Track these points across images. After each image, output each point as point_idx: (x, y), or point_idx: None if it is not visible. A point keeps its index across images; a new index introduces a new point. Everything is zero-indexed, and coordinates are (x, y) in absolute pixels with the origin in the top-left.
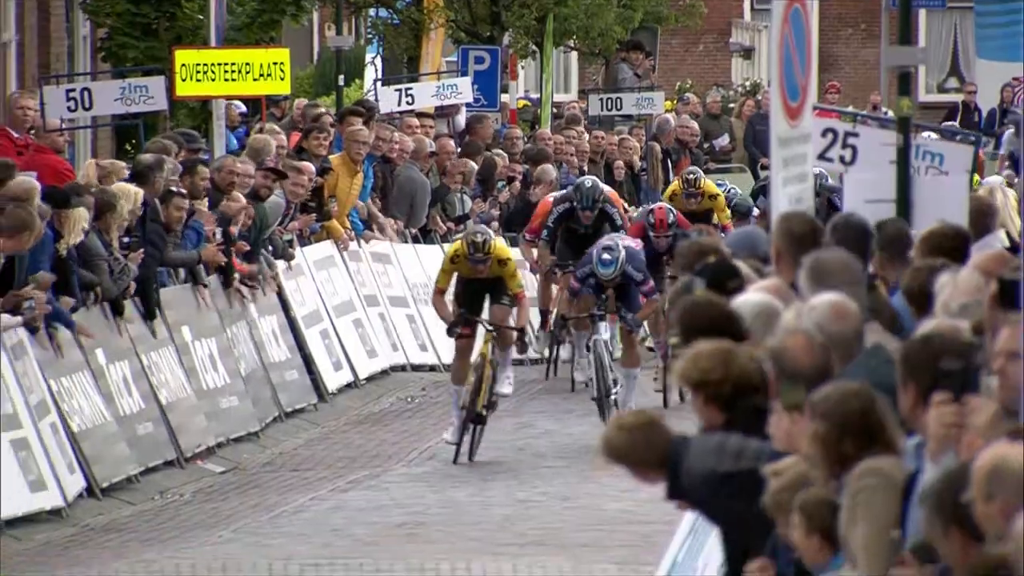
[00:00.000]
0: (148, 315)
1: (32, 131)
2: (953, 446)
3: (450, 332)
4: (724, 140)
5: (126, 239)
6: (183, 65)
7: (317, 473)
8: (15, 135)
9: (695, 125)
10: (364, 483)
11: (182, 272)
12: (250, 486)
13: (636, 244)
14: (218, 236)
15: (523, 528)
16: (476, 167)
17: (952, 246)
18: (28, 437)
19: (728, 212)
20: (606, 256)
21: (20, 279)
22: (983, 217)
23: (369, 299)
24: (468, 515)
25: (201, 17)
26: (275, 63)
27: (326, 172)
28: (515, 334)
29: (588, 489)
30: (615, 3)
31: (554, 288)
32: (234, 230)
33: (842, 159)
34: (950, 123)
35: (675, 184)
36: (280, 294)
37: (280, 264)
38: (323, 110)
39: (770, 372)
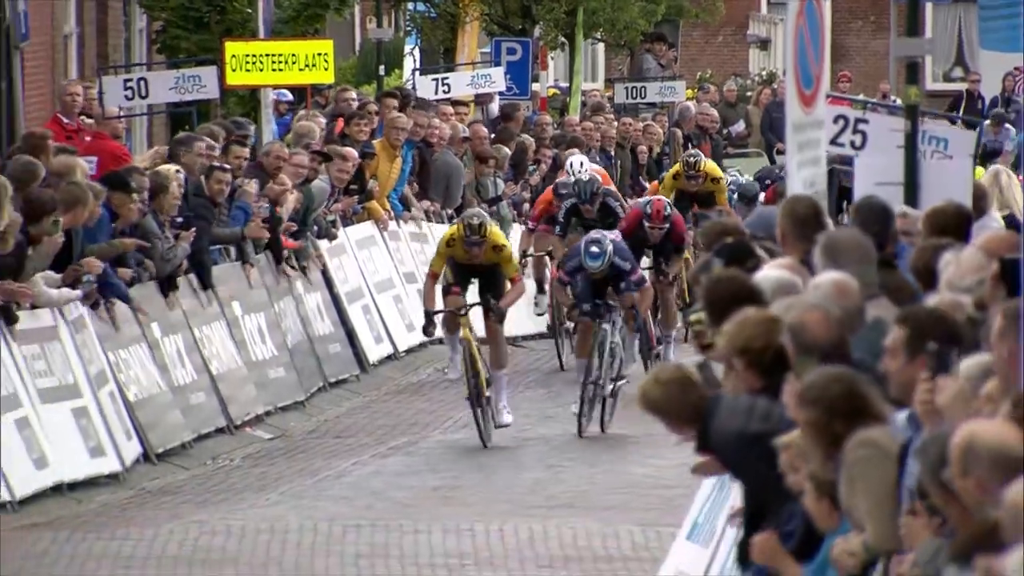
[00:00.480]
0: (204, 285)
1: (83, 116)
2: (933, 419)
3: (426, 331)
4: (740, 127)
5: (179, 219)
6: (233, 56)
7: (359, 440)
8: (65, 121)
9: (715, 112)
10: (403, 449)
11: (232, 251)
12: (296, 452)
13: (617, 235)
14: (263, 211)
15: (553, 491)
16: (509, 152)
17: (955, 224)
18: (88, 406)
19: (727, 194)
20: (594, 249)
21: (77, 254)
22: (977, 200)
23: (408, 276)
24: (501, 479)
25: (250, 11)
26: (319, 54)
27: (368, 156)
28: (500, 311)
29: (614, 455)
30: None
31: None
32: (280, 210)
33: (853, 144)
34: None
35: (677, 165)
36: (324, 272)
37: (324, 243)
38: (353, 94)
39: (788, 345)
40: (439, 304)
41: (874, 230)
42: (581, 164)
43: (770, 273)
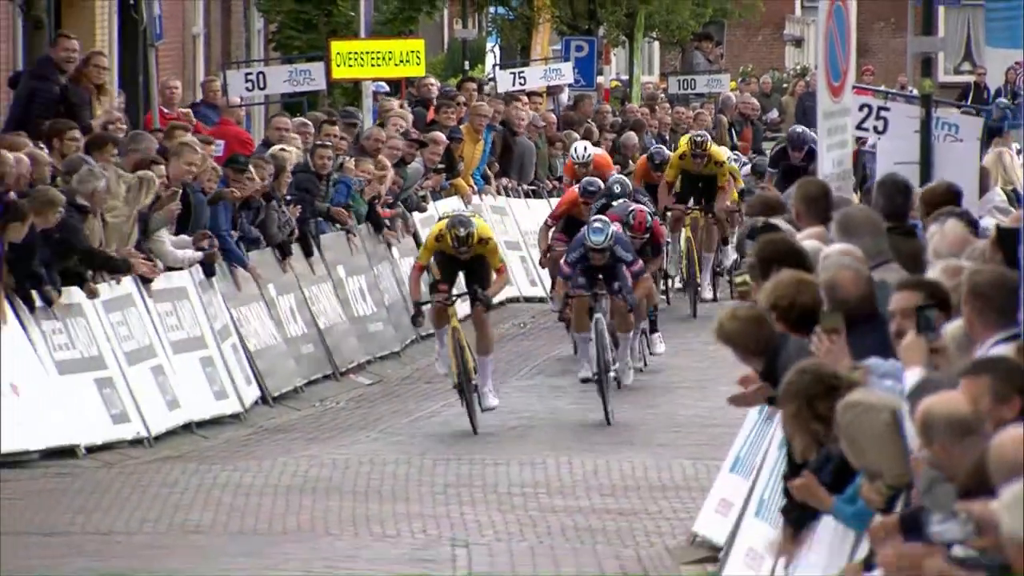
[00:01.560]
0: (307, 251)
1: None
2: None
3: (414, 321)
4: (773, 114)
5: (288, 197)
6: (338, 53)
7: (446, 385)
8: (166, 111)
9: (755, 101)
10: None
11: (352, 221)
12: (392, 395)
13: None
14: (359, 185)
15: (614, 430)
16: (578, 136)
17: (943, 200)
18: (213, 356)
19: (729, 176)
20: (597, 225)
21: (197, 224)
22: (982, 179)
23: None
24: (569, 420)
25: (353, 14)
26: (412, 51)
27: (455, 140)
28: (486, 300)
29: (666, 399)
30: (690, 1)
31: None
32: (382, 188)
33: (875, 129)
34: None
35: (685, 146)
36: (416, 239)
37: (416, 215)
38: (432, 80)
39: (824, 300)
40: (425, 296)
41: (897, 201)
42: (585, 149)
43: (805, 243)
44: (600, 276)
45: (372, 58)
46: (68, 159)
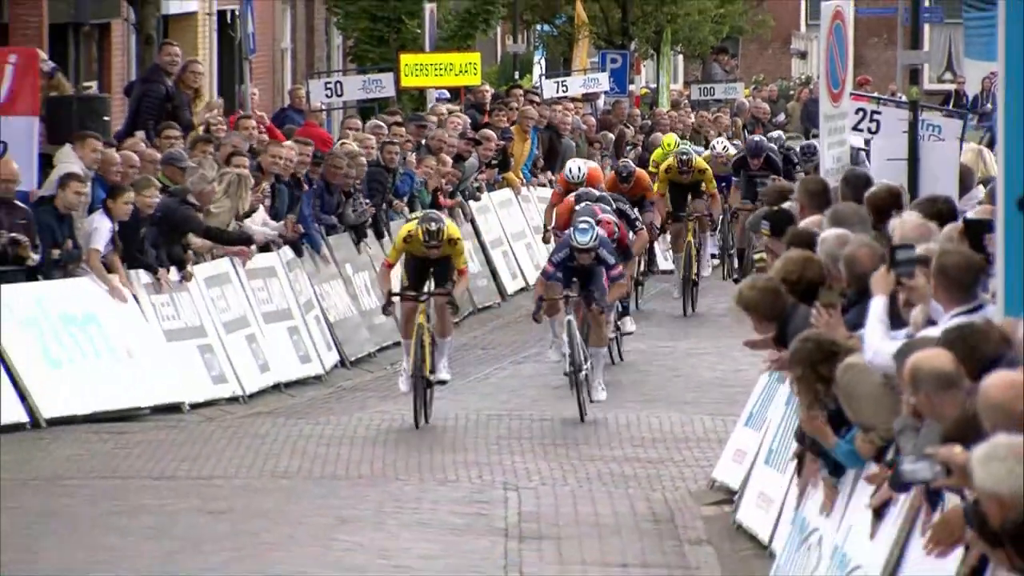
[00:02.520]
0: (378, 235)
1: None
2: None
3: (385, 311)
4: (780, 117)
5: (360, 188)
6: (406, 64)
7: (499, 351)
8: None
9: (765, 106)
10: (532, 358)
11: (406, 210)
12: (452, 360)
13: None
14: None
15: (644, 389)
16: (612, 137)
17: (888, 203)
18: (298, 325)
19: (715, 183)
20: (583, 225)
21: (283, 210)
22: (964, 178)
23: (535, 228)
24: (606, 381)
25: (419, 31)
26: (470, 63)
27: (507, 139)
28: (447, 301)
29: (691, 363)
30: (709, 20)
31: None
32: (442, 182)
33: (869, 130)
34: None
35: (671, 160)
36: (473, 225)
37: (473, 204)
38: (487, 86)
39: (843, 273)
40: (395, 287)
41: (862, 192)
42: (579, 168)
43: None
44: (575, 279)
45: (435, 69)
46: (167, 152)
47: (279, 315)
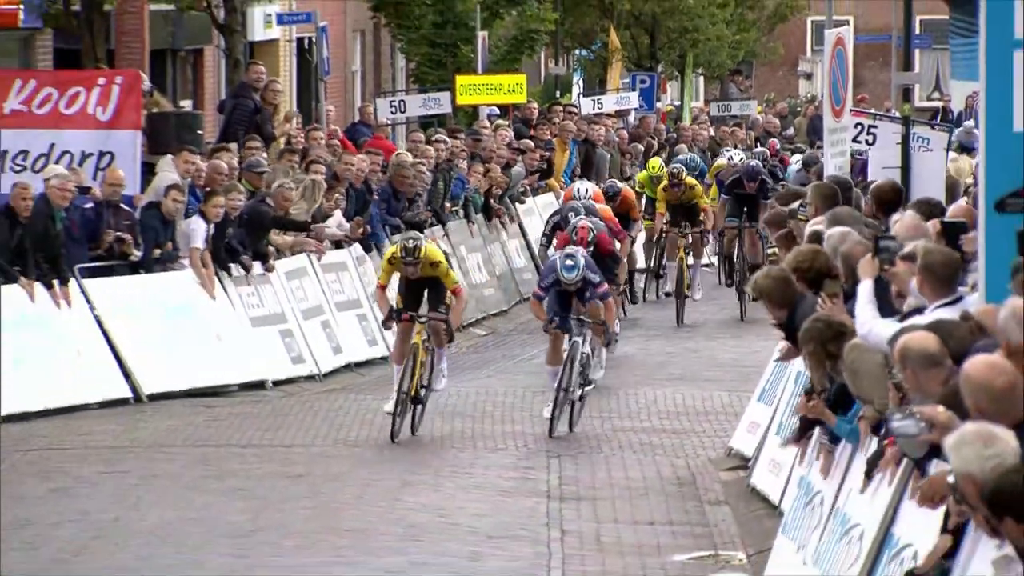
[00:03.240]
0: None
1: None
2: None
3: (385, 325)
4: (790, 131)
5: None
6: (461, 85)
7: (544, 337)
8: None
9: (776, 121)
10: None
11: (460, 211)
12: (501, 344)
13: (586, 252)
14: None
15: (671, 369)
16: (642, 148)
17: (891, 197)
18: (367, 313)
19: (706, 198)
20: (569, 262)
21: (352, 212)
22: (951, 189)
23: None
24: (634, 360)
25: (472, 55)
26: (517, 83)
27: (549, 149)
28: (443, 325)
29: (710, 345)
30: (727, 46)
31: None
32: (492, 187)
33: (866, 142)
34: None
35: (665, 179)
36: (520, 225)
37: (519, 206)
38: (535, 105)
39: (840, 267)
40: (392, 306)
41: (846, 195)
42: (586, 190)
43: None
44: (572, 299)
45: (486, 88)
46: (247, 160)
47: (350, 304)
